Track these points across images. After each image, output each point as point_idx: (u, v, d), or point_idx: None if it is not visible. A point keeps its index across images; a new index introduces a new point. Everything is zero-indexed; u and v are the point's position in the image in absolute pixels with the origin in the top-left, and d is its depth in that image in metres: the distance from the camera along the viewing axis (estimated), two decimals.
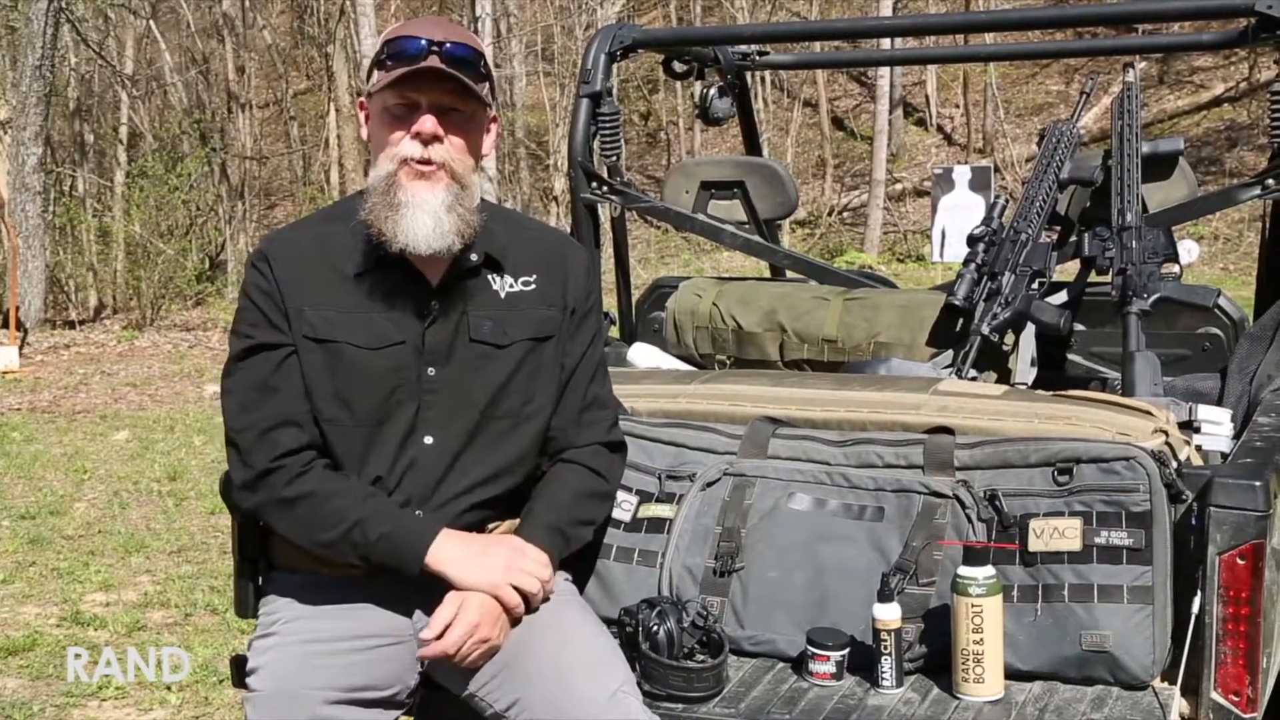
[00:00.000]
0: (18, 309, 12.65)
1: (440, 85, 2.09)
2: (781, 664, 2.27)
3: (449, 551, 2.09)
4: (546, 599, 2.15)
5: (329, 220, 2.26)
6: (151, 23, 19.57)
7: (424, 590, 2.11)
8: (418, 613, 2.14)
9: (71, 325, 14.62)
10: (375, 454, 2.14)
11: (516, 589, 2.09)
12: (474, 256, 2.17)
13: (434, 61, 2.08)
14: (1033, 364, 2.99)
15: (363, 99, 2.21)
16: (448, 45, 2.10)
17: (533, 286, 2.23)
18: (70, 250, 17.09)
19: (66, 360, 12.16)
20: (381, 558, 2.09)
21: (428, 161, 2.10)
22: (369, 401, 2.14)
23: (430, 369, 2.16)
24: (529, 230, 2.31)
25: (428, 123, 2.09)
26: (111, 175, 18.54)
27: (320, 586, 2.17)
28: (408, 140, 2.10)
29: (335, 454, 2.15)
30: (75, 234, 17.37)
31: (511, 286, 2.21)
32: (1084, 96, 3.30)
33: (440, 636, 2.04)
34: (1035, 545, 2.16)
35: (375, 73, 2.15)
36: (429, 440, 2.15)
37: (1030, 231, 3.00)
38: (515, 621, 2.12)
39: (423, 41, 2.09)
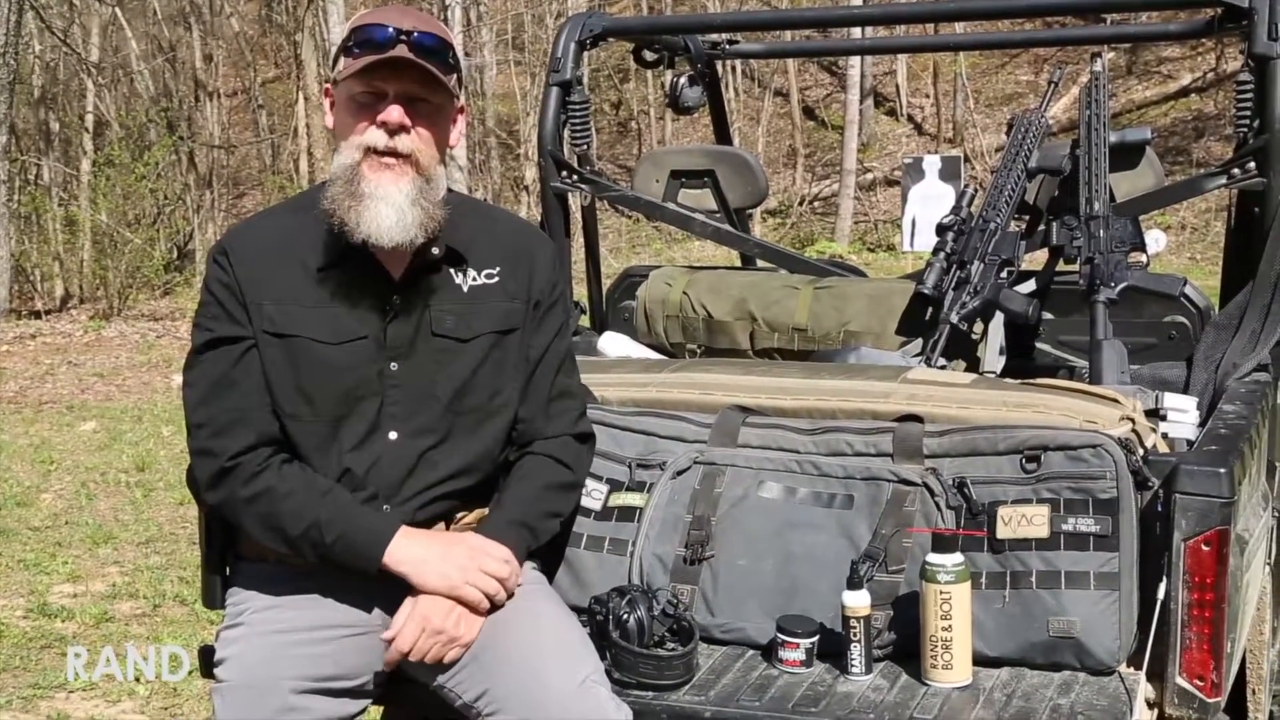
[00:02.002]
0: None
1: (408, 75, 2.07)
2: (751, 651, 2.27)
3: (406, 552, 2.08)
4: (511, 595, 2.14)
5: (293, 211, 2.24)
6: (117, 10, 19.37)
7: (392, 581, 2.10)
8: (385, 602, 2.13)
9: (37, 315, 14.48)
10: (339, 449, 2.13)
11: (477, 588, 2.09)
12: (436, 250, 2.16)
13: (402, 51, 2.06)
14: (1001, 352, 3.01)
15: (328, 86, 2.18)
16: (416, 34, 2.07)
17: (496, 279, 2.21)
18: (36, 239, 16.91)
19: (33, 350, 12.05)
20: (340, 558, 2.08)
21: (393, 152, 2.08)
22: (330, 396, 2.12)
23: (393, 364, 2.15)
24: (495, 222, 2.30)
25: (394, 112, 2.07)
26: (77, 164, 18.33)
27: (287, 577, 2.16)
28: (373, 129, 2.08)
29: (298, 449, 2.14)
30: (41, 223, 17.18)
31: (475, 280, 2.20)
32: (1052, 86, 3.31)
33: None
34: (1003, 532, 2.17)
35: (342, 59, 2.12)
36: (393, 435, 2.14)
37: (999, 220, 3.01)
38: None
39: (391, 30, 2.06)
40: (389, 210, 2.07)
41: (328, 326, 2.13)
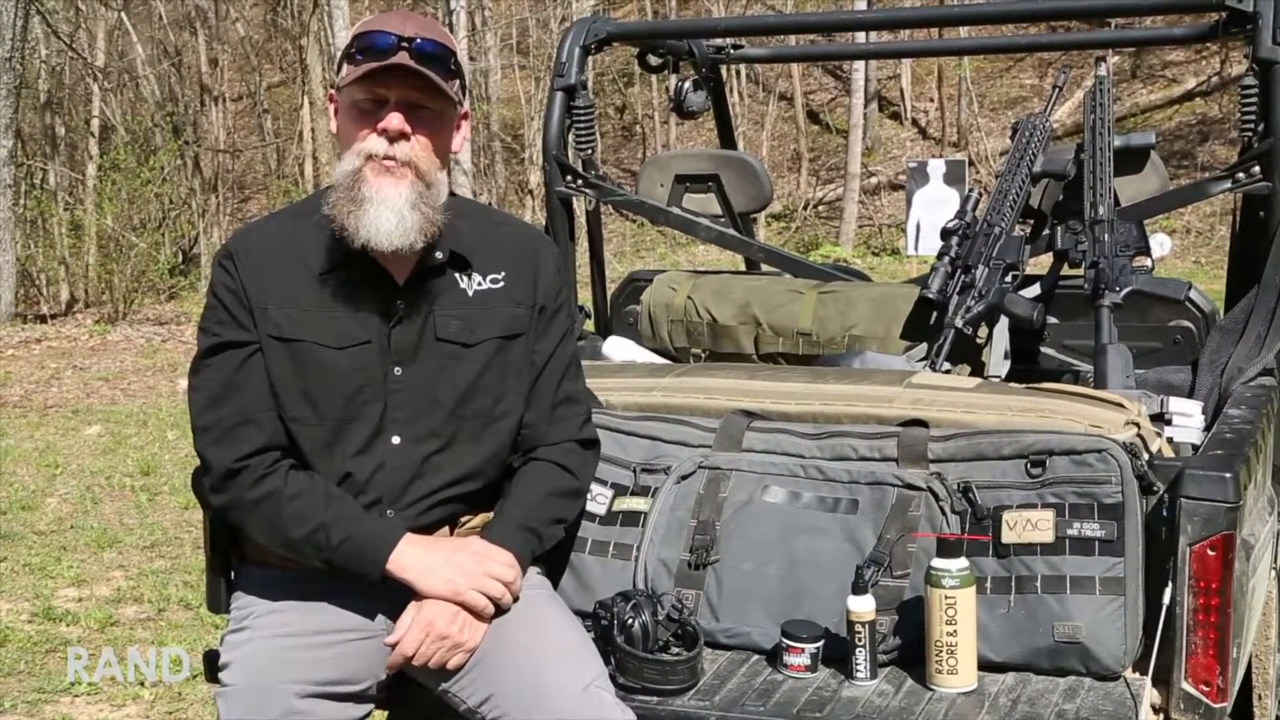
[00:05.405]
0: None
1: (409, 82, 2.08)
2: (756, 656, 2.27)
3: (411, 558, 2.08)
4: (516, 599, 2.14)
5: (298, 216, 2.25)
6: (123, 14, 19.41)
7: (397, 586, 2.10)
8: (388, 607, 2.13)
9: (43, 319, 14.50)
10: (342, 453, 2.13)
11: (482, 593, 2.09)
12: (439, 255, 2.16)
13: (403, 58, 2.06)
14: (1006, 357, 3.00)
15: (332, 91, 2.19)
16: (418, 41, 2.08)
17: (501, 284, 2.22)
18: (41, 244, 16.93)
19: (38, 354, 12.06)
20: (344, 562, 2.09)
21: (393, 158, 2.09)
22: (334, 400, 2.13)
23: (396, 368, 2.15)
24: (499, 226, 2.30)
25: (394, 120, 2.08)
26: (83, 168, 18.36)
27: (292, 581, 2.16)
28: (374, 137, 2.09)
29: (302, 452, 2.14)
30: (46, 227, 17.21)
31: (480, 284, 2.20)
32: (1057, 90, 3.31)
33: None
34: (1008, 537, 2.17)
35: (345, 66, 2.13)
36: (396, 440, 2.14)
37: (1003, 225, 3.01)
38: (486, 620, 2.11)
39: (393, 37, 2.07)
40: (388, 214, 2.07)
41: (331, 331, 2.14)
